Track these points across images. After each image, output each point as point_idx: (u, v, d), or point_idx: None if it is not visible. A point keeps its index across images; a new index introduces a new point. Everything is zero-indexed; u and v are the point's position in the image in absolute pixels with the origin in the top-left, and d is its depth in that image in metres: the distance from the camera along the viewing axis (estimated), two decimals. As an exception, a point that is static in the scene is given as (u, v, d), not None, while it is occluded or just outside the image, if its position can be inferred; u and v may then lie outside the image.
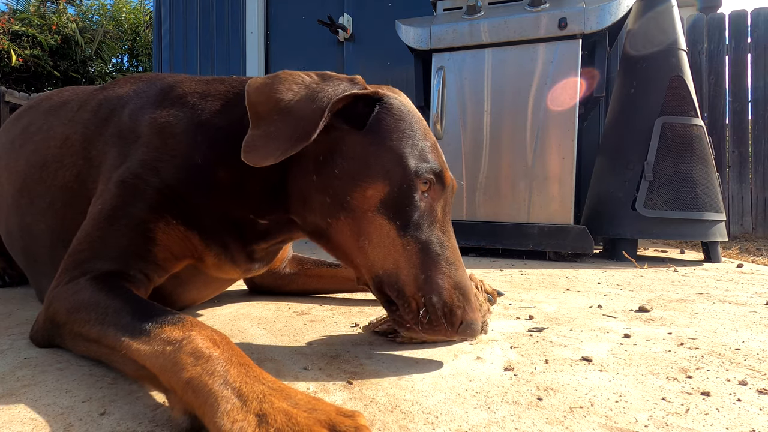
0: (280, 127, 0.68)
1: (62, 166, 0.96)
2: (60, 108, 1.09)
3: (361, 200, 0.71)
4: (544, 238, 2.37)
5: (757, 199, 3.85)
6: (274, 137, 0.68)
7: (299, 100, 0.71)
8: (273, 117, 0.70)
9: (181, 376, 0.51)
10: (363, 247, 0.73)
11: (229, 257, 0.86)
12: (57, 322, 0.72)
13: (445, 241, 0.74)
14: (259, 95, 0.72)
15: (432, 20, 2.68)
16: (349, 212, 0.72)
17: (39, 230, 1.00)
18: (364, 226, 0.72)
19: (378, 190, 0.71)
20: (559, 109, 2.39)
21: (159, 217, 0.79)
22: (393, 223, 0.71)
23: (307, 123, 0.67)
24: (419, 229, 0.72)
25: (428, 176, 0.73)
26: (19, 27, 8.43)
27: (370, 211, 0.71)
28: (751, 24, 3.88)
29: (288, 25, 4.50)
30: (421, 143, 0.75)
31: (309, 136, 0.66)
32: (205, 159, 0.81)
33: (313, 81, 0.75)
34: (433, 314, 0.68)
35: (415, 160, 0.73)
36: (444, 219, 0.76)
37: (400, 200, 0.71)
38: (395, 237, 0.71)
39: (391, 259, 0.71)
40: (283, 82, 0.73)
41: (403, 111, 0.77)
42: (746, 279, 1.78)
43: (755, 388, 0.65)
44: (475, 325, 0.69)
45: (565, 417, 0.55)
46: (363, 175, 0.71)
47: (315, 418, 0.45)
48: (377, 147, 0.72)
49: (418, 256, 0.71)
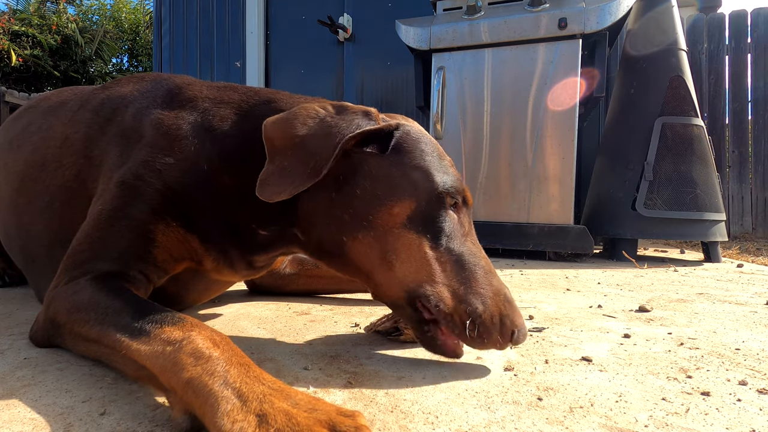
0: (294, 162, 0.70)
1: (62, 166, 0.96)
2: (59, 108, 1.09)
3: (386, 218, 0.71)
4: (544, 238, 2.37)
5: (757, 199, 3.85)
6: (288, 173, 0.69)
7: (313, 135, 0.72)
8: (287, 152, 0.71)
9: (182, 376, 0.51)
10: (390, 263, 0.71)
11: (227, 263, 0.85)
12: (57, 322, 0.72)
13: (477, 252, 0.74)
14: (275, 129, 0.73)
15: (432, 20, 2.68)
16: (369, 230, 0.72)
17: (37, 230, 1.00)
18: (391, 242, 0.71)
19: (405, 207, 0.71)
20: (559, 109, 2.39)
21: (159, 218, 0.79)
22: (423, 236, 0.71)
23: (319, 159, 0.69)
24: (452, 241, 0.72)
25: (454, 190, 0.74)
26: (19, 27, 8.43)
27: (397, 227, 0.71)
28: (751, 24, 3.88)
29: (288, 25, 4.50)
30: (442, 162, 0.77)
31: (319, 173, 0.68)
32: (211, 165, 0.81)
33: (328, 114, 0.75)
34: (482, 326, 0.66)
35: (441, 176, 0.74)
36: (470, 231, 0.76)
37: (428, 214, 0.71)
38: (428, 250, 0.70)
39: (424, 273, 0.69)
40: (298, 117, 0.74)
41: (421, 135, 0.79)
42: (746, 279, 1.78)
43: (755, 388, 0.65)
44: (524, 330, 0.68)
45: (565, 417, 0.55)
46: (388, 193, 0.72)
47: (315, 418, 0.45)
48: (401, 167, 0.73)
49: (454, 267, 0.70)
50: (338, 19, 4.13)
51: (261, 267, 0.92)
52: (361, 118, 0.75)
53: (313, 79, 4.35)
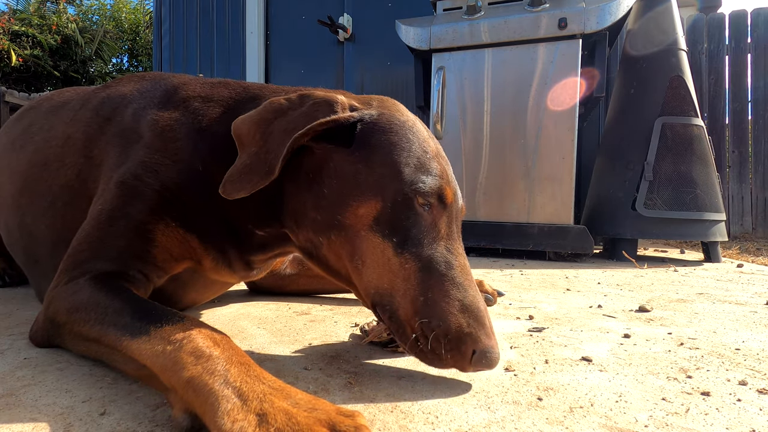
0: (254, 160, 0.68)
1: (63, 165, 0.96)
2: (61, 107, 1.09)
3: (353, 219, 0.67)
4: (544, 238, 2.37)
5: (757, 199, 3.85)
6: (250, 170, 0.68)
7: (272, 131, 0.70)
8: (252, 148, 0.70)
9: (182, 376, 0.51)
10: (357, 267, 0.68)
11: (226, 263, 0.85)
12: (57, 322, 0.72)
13: (452, 260, 0.65)
14: (242, 125, 0.72)
15: (432, 20, 2.68)
16: (340, 231, 0.69)
17: (40, 230, 1.00)
18: (358, 245, 0.67)
19: (370, 207, 0.66)
20: (559, 109, 2.39)
21: (158, 218, 0.79)
22: (389, 240, 0.65)
23: (273, 158, 0.66)
24: (419, 247, 0.64)
25: (426, 190, 0.66)
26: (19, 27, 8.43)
27: (363, 229, 0.66)
28: (751, 24, 3.88)
29: (288, 25, 4.50)
30: (419, 155, 0.69)
31: (273, 171, 0.65)
32: (205, 165, 0.81)
33: (291, 106, 0.72)
34: (434, 341, 0.59)
35: (410, 173, 0.66)
36: (449, 236, 0.68)
37: (395, 216, 0.65)
38: (391, 255, 0.64)
39: (386, 279, 0.65)
40: (261, 113, 0.72)
41: (394, 123, 0.71)
42: (746, 279, 1.78)
43: (755, 388, 0.65)
44: (492, 353, 0.59)
45: (565, 417, 0.55)
46: (353, 193, 0.67)
47: (315, 418, 0.45)
48: (367, 163, 0.68)
49: (417, 276, 0.63)
50: (338, 19, 4.13)
51: (259, 268, 0.91)
52: (321, 110, 0.69)
53: (313, 79, 4.35)
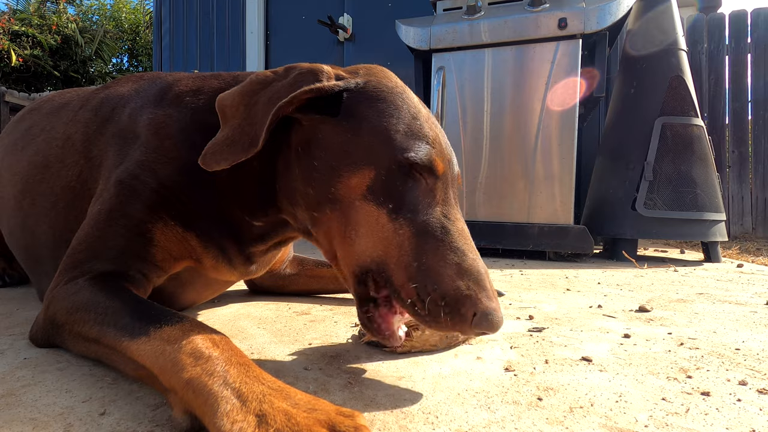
0: (237, 132, 0.68)
1: (64, 166, 0.96)
2: (62, 108, 1.09)
3: (346, 190, 0.66)
4: (544, 238, 2.37)
5: (757, 199, 3.85)
6: (232, 142, 0.67)
7: (256, 103, 0.69)
8: (235, 120, 0.69)
9: (181, 376, 0.51)
10: (350, 237, 0.66)
11: (226, 260, 0.85)
12: (57, 323, 0.72)
13: (448, 225, 0.63)
14: (225, 99, 0.71)
15: (432, 20, 2.68)
16: (335, 204, 0.67)
17: (41, 231, 1.00)
18: (352, 216, 0.66)
19: (363, 176, 0.65)
20: (559, 109, 2.39)
21: (157, 217, 0.79)
22: (383, 207, 0.64)
23: (257, 129, 0.65)
24: (414, 213, 0.63)
25: (419, 156, 0.64)
26: (19, 27, 8.43)
27: (357, 199, 0.65)
28: (751, 24, 3.88)
29: (288, 25, 4.50)
30: (409, 121, 0.68)
31: (256, 143, 0.64)
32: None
33: (275, 78, 0.71)
34: (432, 305, 0.58)
35: (402, 139, 0.65)
36: (445, 201, 0.66)
37: (388, 184, 0.64)
38: (385, 222, 0.63)
39: (380, 247, 0.63)
40: (246, 86, 0.71)
41: (381, 90, 0.69)
42: (746, 279, 1.78)
43: (755, 388, 0.65)
44: (494, 315, 0.57)
45: (565, 417, 0.55)
46: (344, 163, 0.66)
47: (315, 418, 0.45)
48: (354, 132, 0.67)
49: (412, 241, 0.62)
50: (338, 19, 4.14)
51: (258, 263, 0.92)
52: (306, 79, 0.67)
53: (313, 79, 4.34)
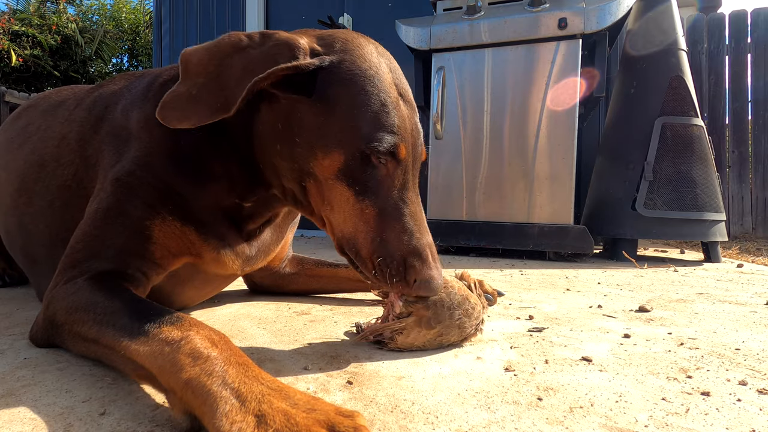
0: (204, 92, 0.67)
1: (60, 166, 0.96)
2: (58, 107, 1.09)
3: (320, 168, 0.72)
4: (544, 238, 2.37)
5: (757, 199, 3.85)
6: (196, 101, 0.66)
7: (229, 66, 0.68)
8: (200, 78, 0.68)
9: (180, 377, 0.51)
10: (327, 212, 0.75)
11: (227, 247, 0.86)
12: (56, 323, 0.72)
13: (404, 207, 0.72)
14: (192, 55, 0.70)
15: (432, 20, 2.68)
16: (314, 177, 0.73)
17: (38, 230, 1.00)
18: (327, 192, 0.73)
19: (335, 159, 0.70)
20: (559, 109, 2.39)
21: (155, 214, 0.79)
22: (352, 189, 0.71)
23: (230, 95, 0.65)
24: (376, 196, 0.71)
25: (384, 146, 0.69)
26: (19, 27, 8.42)
27: (331, 178, 0.72)
28: (751, 24, 3.88)
29: (288, 25, 4.50)
30: (376, 108, 0.70)
31: (229, 108, 0.64)
32: (190, 145, 0.81)
33: (251, 44, 0.70)
34: (388, 273, 0.70)
35: (368, 130, 0.69)
36: (404, 186, 0.73)
37: (354, 169, 0.70)
38: (354, 202, 0.71)
39: (350, 224, 0.73)
40: (218, 45, 0.70)
41: (354, 72, 0.71)
42: (746, 279, 1.78)
43: (755, 388, 0.65)
44: (431, 282, 0.70)
45: (565, 417, 0.55)
46: (318, 144, 0.71)
47: (314, 419, 0.45)
48: (328, 116, 0.70)
49: (375, 220, 0.71)
50: (338, 19, 4.13)
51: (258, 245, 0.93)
52: (282, 53, 0.68)
53: (313, 79, 4.35)
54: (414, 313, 0.77)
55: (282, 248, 1.15)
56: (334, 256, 2.33)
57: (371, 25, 4.13)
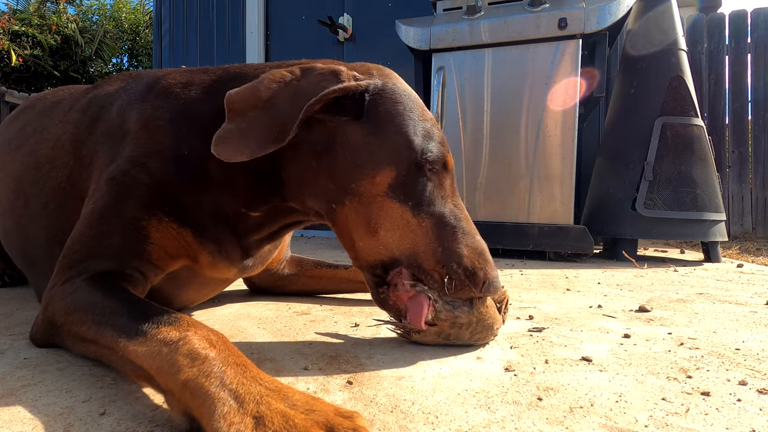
0: (254, 124, 0.69)
1: (54, 168, 0.96)
2: (54, 108, 1.09)
3: (369, 186, 0.72)
4: (544, 238, 2.37)
5: (757, 199, 3.85)
6: (246, 134, 0.68)
7: (276, 99, 0.70)
8: (247, 114, 0.70)
9: (178, 378, 0.50)
10: (375, 230, 0.74)
11: (223, 254, 0.85)
12: (55, 324, 0.72)
13: (459, 213, 0.76)
14: (237, 94, 0.72)
15: (432, 20, 2.68)
16: (354, 197, 0.73)
17: (35, 231, 1.00)
18: (375, 211, 0.73)
19: (386, 175, 0.72)
20: (559, 109, 2.39)
21: (151, 214, 0.78)
22: (405, 204, 0.73)
23: (282, 125, 0.67)
24: (432, 206, 0.74)
25: (434, 157, 0.74)
26: (19, 27, 8.42)
27: (379, 195, 0.72)
28: (751, 24, 3.88)
29: (288, 25, 4.50)
30: (422, 123, 0.76)
31: (284, 139, 0.66)
32: (191, 150, 0.81)
33: (294, 78, 0.73)
34: (457, 280, 0.71)
35: (420, 142, 0.74)
36: (453, 193, 0.78)
37: (409, 182, 0.72)
38: (410, 218, 0.73)
39: (408, 240, 0.73)
40: (262, 82, 0.73)
41: (397, 93, 0.77)
42: (746, 279, 1.77)
43: (755, 388, 0.65)
44: (496, 282, 0.74)
45: (565, 417, 0.55)
46: (369, 162, 0.72)
47: (313, 420, 0.45)
48: (379, 135, 0.73)
49: (434, 231, 0.73)
50: (338, 19, 4.13)
51: (256, 256, 0.92)
52: (328, 80, 0.71)
53: (313, 79, 4.34)
54: (438, 326, 0.78)
55: (279, 251, 1.15)
56: (334, 256, 2.33)
57: (371, 25, 4.12)
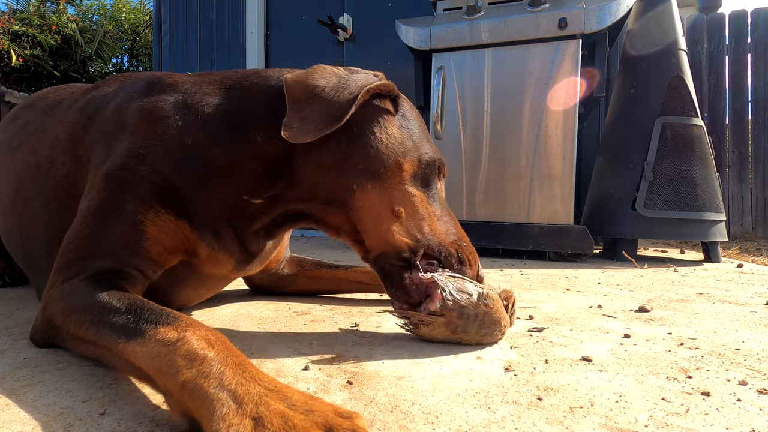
0: (315, 109, 0.77)
1: (53, 167, 0.96)
2: (54, 107, 1.09)
3: (397, 172, 0.82)
4: (544, 238, 2.37)
5: (757, 199, 3.85)
6: (309, 118, 0.76)
7: (332, 87, 0.79)
8: (308, 101, 0.78)
9: (177, 379, 0.50)
10: (397, 214, 0.82)
11: (222, 246, 0.85)
12: (54, 324, 0.72)
13: (448, 207, 0.92)
14: (296, 83, 0.80)
15: (432, 20, 2.68)
16: (378, 180, 0.81)
17: (35, 230, 1.00)
18: (398, 195, 0.82)
19: (413, 165, 0.84)
20: (559, 109, 2.39)
21: (148, 207, 0.78)
22: (425, 194, 0.85)
23: (340, 107, 0.76)
24: (438, 200, 0.89)
25: (440, 161, 0.90)
26: (19, 27, 8.42)
27: (403, 182, 0.83)
28: (751, 24, 3.88)
29: (288, 25, 4.50)
30: (427, 135, 0.92)
31: (341, 118, 0.75)
32: (196, 139, 0.81)
33: (344, 72, 0.85)
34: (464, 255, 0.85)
35: (431, 146, 0.90)
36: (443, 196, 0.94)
37: (426, 176, 0.86)
38: (428, 204, 0.85)
39: (428, 225, 0.83)
40: (317, 71, 0.82)
41: (413, 105, 0.94)
42: (746, 279, 1.77)
43: (755, 388, 0.65)
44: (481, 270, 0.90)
45: (565, 417, 0.55)
46: (401, 150, 0.84)
47: (312, 420, 0.45)
48: (408, 130, 0.87)
49: (443, 220, 0.87)
50: (338, 19, 4.13)
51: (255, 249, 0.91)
52: (372, 77, 0.86)
53: (313, 79, 4.33)
54: (446, 316, 0.79)
55: (279, 250, 1.15)
56: (334, 256, 2.33)
57: (371, 25, 4.12)
